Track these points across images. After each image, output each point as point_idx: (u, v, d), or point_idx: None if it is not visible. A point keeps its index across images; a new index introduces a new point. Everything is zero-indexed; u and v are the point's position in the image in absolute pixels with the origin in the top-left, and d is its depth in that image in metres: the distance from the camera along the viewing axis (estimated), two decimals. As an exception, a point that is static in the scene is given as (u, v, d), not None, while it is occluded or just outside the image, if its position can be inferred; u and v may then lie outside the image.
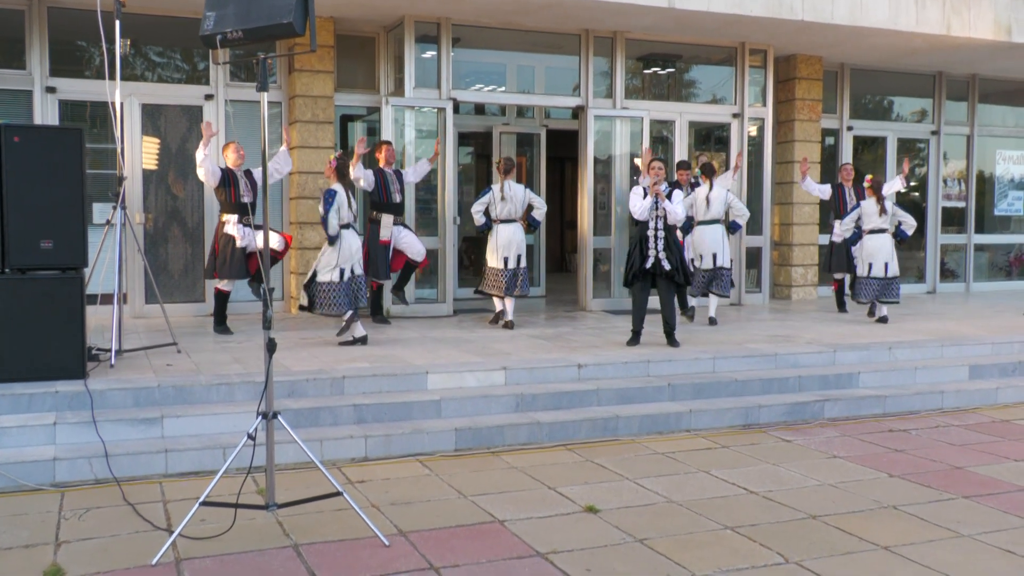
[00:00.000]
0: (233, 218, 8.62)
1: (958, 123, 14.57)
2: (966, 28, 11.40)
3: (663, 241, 8.28)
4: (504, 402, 6.78)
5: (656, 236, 8.29)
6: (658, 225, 8.28)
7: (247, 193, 8.60)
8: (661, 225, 8.28)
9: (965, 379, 8.36)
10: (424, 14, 10.29)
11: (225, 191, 8.63)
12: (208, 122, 8.49)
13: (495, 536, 4.60)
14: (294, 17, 4.11)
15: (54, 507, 4.98)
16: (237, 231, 8.56)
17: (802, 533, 4.69)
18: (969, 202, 14.76)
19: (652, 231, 8.29)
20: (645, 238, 8.31)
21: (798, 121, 12.75)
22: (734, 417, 7.12)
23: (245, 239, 8.57)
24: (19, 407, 5.87)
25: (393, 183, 9.44)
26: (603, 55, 11.41)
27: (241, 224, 8.60)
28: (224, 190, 8.63)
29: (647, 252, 8.29)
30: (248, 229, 8.62)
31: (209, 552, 4.31)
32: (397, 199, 9.47)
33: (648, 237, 8.30)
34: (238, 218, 8.61)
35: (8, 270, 6.16)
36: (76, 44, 10.03)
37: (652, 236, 8.29)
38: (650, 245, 8.29)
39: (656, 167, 8.35)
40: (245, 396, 6.40)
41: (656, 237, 8.29)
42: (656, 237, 8.29)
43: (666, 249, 8.28)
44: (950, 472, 5.87)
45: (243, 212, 8.60)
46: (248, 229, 8.62)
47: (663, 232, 8.29)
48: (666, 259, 8.26)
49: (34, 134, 6.47)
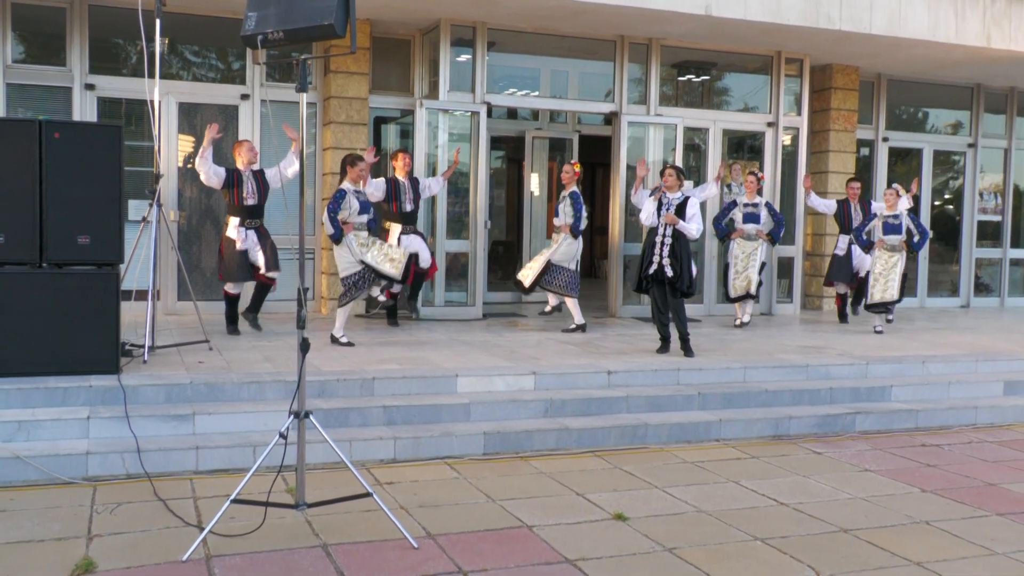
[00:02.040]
0: (235, 221, 8.47)
1: (995, 136, 14.39)
2: (1007, 40, 11.27)
3: (669, 248, 8.27)
4: (533, 407, 6.77)
5: (663, 243, 8.29)
6: (666, 232, 8.29)
7: (252, 195, 8.47)
8: (669, 232, 8.28)
9: (1000, 395, 8.25)
10: (460, 18, 10.32)
11: (228, 192, 8.47)
12: (213, 124, 8.37)
13: (523, 541, 4.59)
14: (335, 19, 4.12)
15: (86, 501, 5.03)
16: (237, 234, 8.43)
17: (833, 547, 4.64)
18: (1005, 216, 14.58)
19: (660, 238, 8.31)
20: (652, 244, 8.34)
21: (833, 131, 12.65)
22: (764, 428, 7.07)
23: (245, 243, 8.44)
24: (53, 400, 5.93)
25: (406, 192, 9.38)
26: (638, 61, 11.38)
27: (243, 227, 8.45)
28: (228, 191, 8.47)
29: (652, 258, 8.30)
30: (251, 232, 8.49)
31: (239, 550, 4.33)
32: (408, 208, 9.40)
33: (655, 243, 8.32)
34: (240, 221, 8.46)
35: (46, 264, 6.23)
36: (115, 42, 10.14)
37: (659, 243, 8.31)
38: (656, 252, 8.29)
39: (667, 174, 8.36)
40: (275, 395, 6.43)
41: (663, 244, 8.29)
42: (663, 244, 8.29)
43: (671, 256, 8.25)
44: (984, 489, 5.80)
45: (247, 215, 8.48)
46: (251, 232, 8.49)
47: (670, 239, 8.27)
48: (669, 266, 8.24)
49: (74, 130, 6.54)
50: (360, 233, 8.15)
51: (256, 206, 8.53)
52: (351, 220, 8.08)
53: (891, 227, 9.99)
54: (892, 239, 9.97)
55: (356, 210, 8.12)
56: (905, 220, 10.00)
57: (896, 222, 9.98)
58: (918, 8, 10.78)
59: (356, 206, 8.12)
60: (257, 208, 8.55)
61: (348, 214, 8.05)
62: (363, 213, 8.20)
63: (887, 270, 9.99)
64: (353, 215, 8.10)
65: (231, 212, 8.53)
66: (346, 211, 8.03)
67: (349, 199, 8.06)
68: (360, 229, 8.17)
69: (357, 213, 8.13)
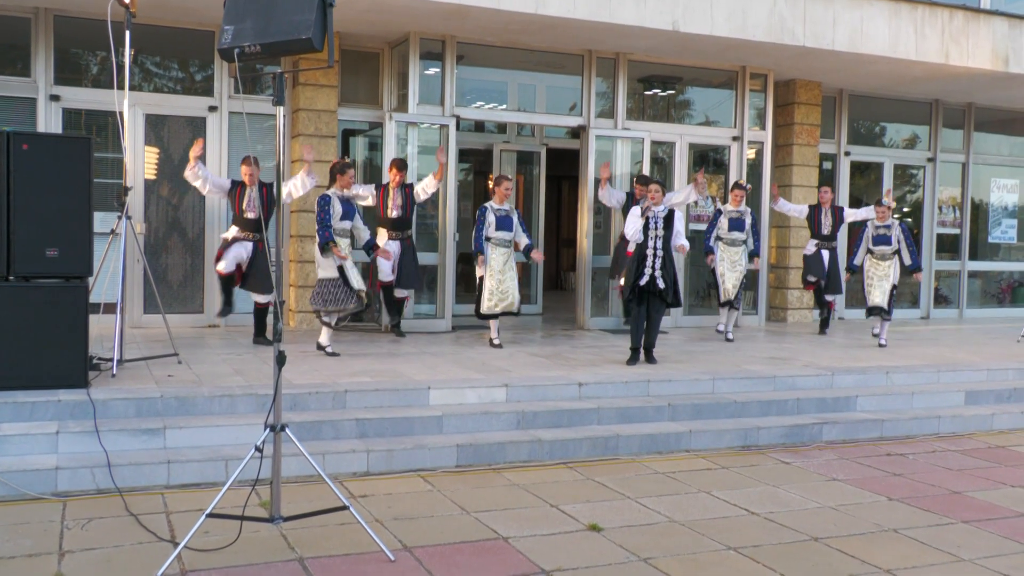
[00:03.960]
0: (234, 230, 8.80)
1: (954, 151, 14.69)
2: (964, 57, 11.52)
3: (660, 260, 8.38)
4: (505, 419, 6.79)
5: (655, 255, 8.39)
6: (657, 244, 8.39)
7: (251, 208, 8.70)
8: (660, 244, 8.38)
9: (961, 404, 8.40)
10: (429, 31, 10.36)
11: (231, 202, 8.89)
12: (199, 139, 8.64)
13: (499, 553, 4.60)
14: (313, 33, 4.14)
15: (56, 517, 4.97)
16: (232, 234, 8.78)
17: (804, 555, 4.71)
18: (963, 229, 14.86)
19: (651, 250, 8.40)
20: (644, 256, 8.41)
21: (796, 145, 12.85)
22: (733, 438, 7.14)
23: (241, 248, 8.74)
24: (22, 415, 5.86)
25: (393, 198, 9.51)
26: (605, 76, 11.48)
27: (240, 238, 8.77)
28: (230, 201, 8.89)
29: (643, 270, 8.38)
30: (249, 244, 8.73)
31: (214, 564, 4.30)
32: (394, 215, 9.55)
33: (647, 256, 8.40)
34: (238, 230, 8.76)
35: (13, 278, 6.15)
36: (81, 53, 10.05)
37: (651, 255, 8.40)
38: (647, 264, 8.38)
39: (652, 190, 8.45)
40: (247, 408, 6.40)
41: (655, 256, 8.39)
42: (655, 256, 8.39)
43: (662, 268, 8.38)
44: (949, 497, 5.91)
45: (244, 227, 8.74)
46: (249, 244, 8.73)
47: (661, 251, 8.38)
48: (661, 278, 8.36)
49: (42, 142, 6.46)
50: (343, 241, 8.19)
51: (260, 219, 8.71)
52: (334, 224, 8.14)
53: (882, 238, 10.36)
54: (883, 249, 10.34)
55: (339, 215, 8.18)
56: (896, 232, 10.34)
57: (887, 233, 10.33)
58: (879, 25, 10.99)
59: (339, 210, 8.19)
60: (262, 221, 8.73)
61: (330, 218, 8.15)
62: (345, 219, 8.25)
63: (881, 278, 10.36)
64: (336, 220, 8.15)
65: (233, 221, 8.89)
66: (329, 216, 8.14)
67: (333, 203, 8.13)
68: (342, 236, 8.21)
69: (339, 219, 8.19)
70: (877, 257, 10.40)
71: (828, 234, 11.39)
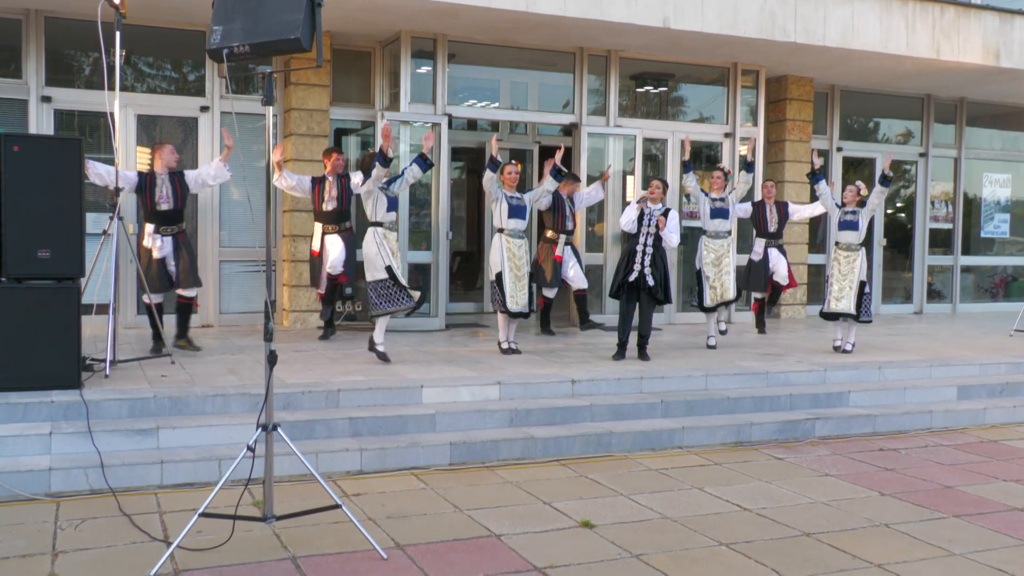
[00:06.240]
0: (150, 228, 8.07)
1: (946, 146, 14.72)
2: (955, 52, 11.55)
3: (650, 257, 8.41)
4: (498, 417, 6.80)
5: (644, 251, 8.42)
6: (647, 241, 8.41)
7: (165, 200, 8.01)
8: (651, 241, 8.41)
9: (954, 399, 8.43)
10: (420, 30, 10.36)
11: (141, 197, 8.07)
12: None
13: (492, 550, 4.62)
14: (302, 33, 4.14)
15: (50, 517, 4.97)
16: (154, 242, 8.03)
17: (796, 550, 4.73)
18: (956, 224, 14.90)
19: (641, 246, 8.43)
20: (634, 252, 8.45)
21: (788, 141, 12.86)
22: (726, 434, 7.16)
23: (163, 250, 8.04)
24: (14, 416, 5.86)
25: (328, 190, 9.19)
26: (597, 73, 11.49)
27: (159, 234, 8.03)
28: (140, 196, 8.06)
29: (633, 265, 8.41)
30: (168, 239, 8.07)
31: (207, 564, 4.31)
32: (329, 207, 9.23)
33: (636, 252, 8.43)
34: (155, 228, 8.05)
35: (5, 279, 6.16)
36: (73, 54, 10.04)
37: (640, 251, 8.43)
38: (637, 259, 8.41)
39: (653, 186, 8.47)
40: (241, 408, 6.40)
41: (644, 252, 8.42)
42: (644, 252, 8.42)
43: (652, 265, 8.41)
44: (941, 491, 5.93)
45: (161, 221, 8.04)
46: (168, 239, 8.07)
47: (651, 248, 8.42)
48: (650, 275, 8.39)
49: (34, 143, 6.50)
50: (391, 234, 7.99)
51: (176, 211, 8.11)
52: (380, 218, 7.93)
53: (848, 224, 9.24)
54: (848, 236, 9.23)
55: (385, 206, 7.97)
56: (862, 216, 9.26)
57: (854, 218, 9.21)
58: (870, 21, 11.01)
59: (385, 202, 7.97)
60: (178, 213, 8.15)
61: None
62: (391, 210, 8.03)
63: (845, 274, 9.22)
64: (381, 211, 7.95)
65: (145, 218, 8.13)
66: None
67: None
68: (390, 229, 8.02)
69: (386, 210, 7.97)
70: (843, 248, 9.27)
71: (775, 231, 10.74)
